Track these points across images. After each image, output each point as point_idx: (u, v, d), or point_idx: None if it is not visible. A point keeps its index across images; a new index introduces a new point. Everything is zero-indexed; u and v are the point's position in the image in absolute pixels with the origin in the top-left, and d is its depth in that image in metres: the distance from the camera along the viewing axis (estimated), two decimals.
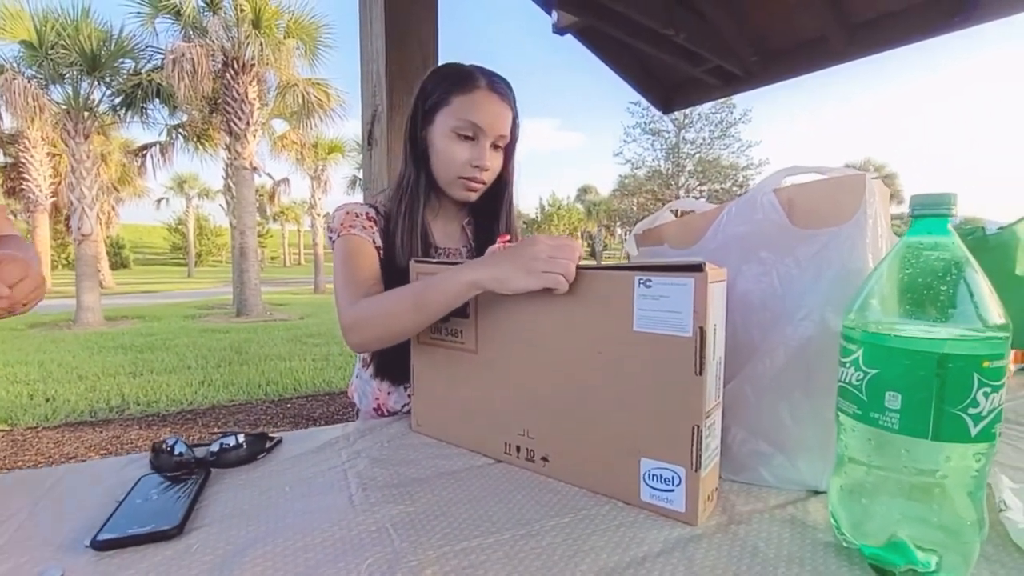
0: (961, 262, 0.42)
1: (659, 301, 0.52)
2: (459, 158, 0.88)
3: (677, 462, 0.53)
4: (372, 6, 1.64)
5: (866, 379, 0.43)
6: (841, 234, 0.56)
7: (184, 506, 0.54)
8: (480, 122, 0.86)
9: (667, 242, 0.76)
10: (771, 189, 0.62)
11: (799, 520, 0.53)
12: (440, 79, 0.90)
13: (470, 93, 0.87)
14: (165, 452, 0.66)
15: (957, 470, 0.41)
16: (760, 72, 2.75)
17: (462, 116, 0.86)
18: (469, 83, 0.87)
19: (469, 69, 0.90)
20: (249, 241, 9.45)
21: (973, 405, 0.39)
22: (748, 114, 27.72)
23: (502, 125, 0.88)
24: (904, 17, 2.29)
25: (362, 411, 1.05)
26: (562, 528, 0.52)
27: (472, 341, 0.70)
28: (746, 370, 0.61)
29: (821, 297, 0.56)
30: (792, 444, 0.59)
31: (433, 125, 0.90)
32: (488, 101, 0.87)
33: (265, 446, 0.71)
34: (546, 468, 0.64)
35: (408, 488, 0.60)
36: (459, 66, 0.91)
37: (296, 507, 0.56)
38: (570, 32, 2.63)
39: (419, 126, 0.91)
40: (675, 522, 0.53)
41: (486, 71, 0.89)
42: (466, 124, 0.86)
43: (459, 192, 0.92)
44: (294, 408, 4.25)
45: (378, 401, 1.00)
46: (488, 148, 0.88)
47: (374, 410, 1.00)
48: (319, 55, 9.99)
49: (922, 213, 0.43)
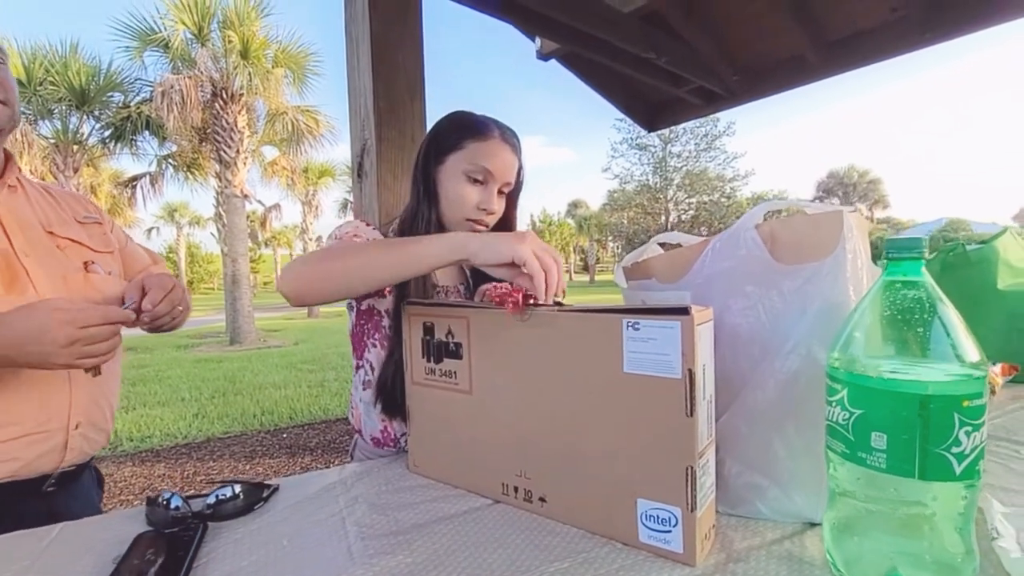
0: (935, 301, 0.43)
1: (648, 343, 0.53)
2: (469, 201, 0.92)
3: (673, 502, 0.53)
4: (359, 42, 1.67)
5: (852, 419, 0.44)
6: (823, 269, 0.57)
7: (182, 567, 0.54)
8: (491, 168, 0.91)
9: (655, 276, 0.77)
10: (752, 225, 0.64)
11: (796, 556, 0.53)
12: (456, 125, 0.96)
13: (485, 141, 0.92)
14: (161, 506, 0.65)
15: (945, 506, 0.42)
16: (741, 91, 2.82)
17: (475, 161, 0.91)
18: (484, 132, 0.93)
19: (484, 119, 0.96)
20: (241, 268, 9.43)
21: (956, 444, 0.40)
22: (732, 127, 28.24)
23: (510, 173, 0.94)
24: (877, 35, 2.36)
25: (364, 438, 1.03)
26: (562, 574, 0.52)
27: (466, 382, 0.71)
28: (738, 403, 0.62)
29: (807, 330, 0.57)
30: (787, 476, 0.60)
31: (444, 166, 0.94)
32: (500, 149, 0.93)
33: (262, 495, 0.71)
34: (544, 508, 0.64)
35: (407, 536, 0.60)
36: (474, 115, 0.97)
37: (295, 562, 0.56)
38: (554, 58, 2.68)
39: (431, 165, 0.96)
40: (675, 564, 0.53)
41: (499, 123, 0.96)
42: (478, 169, 0.91)
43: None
44: (290, 438, 4.20)
45: (384, 424, 0.98)
46: (495, 193, 0.93)
47: (381, 432, 0.97)
48: (307, 82, 10.11)
49: (897, 256, 0.44)
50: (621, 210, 33.06)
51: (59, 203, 1.00)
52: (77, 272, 0.94)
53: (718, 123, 27.63)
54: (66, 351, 0.71)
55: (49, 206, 0.98)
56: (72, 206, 1.02)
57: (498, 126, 0.95)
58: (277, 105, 10.17)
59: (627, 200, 32.22)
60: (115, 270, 1.00)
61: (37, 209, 0.95)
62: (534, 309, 0.64)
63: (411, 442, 0.80)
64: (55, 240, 0.92)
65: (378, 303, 0.91)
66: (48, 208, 0.97)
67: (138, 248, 1.16)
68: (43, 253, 0.89)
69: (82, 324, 0.72)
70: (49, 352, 0.71)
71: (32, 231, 0.90)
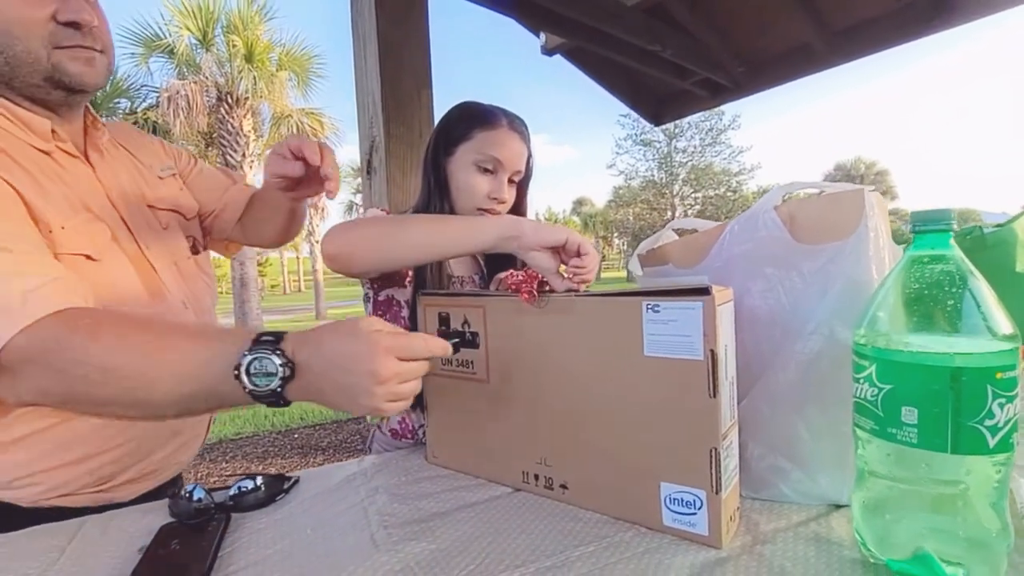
0: (965, 274, 0.42)
1: (668, 325, 0.53)
2: (480, 190, 0.92)
3: (697, 485, 0.53)
4: (366, 39, 1.67)
5: (881, 395, 0.44)
6: (845, 248, 0.57)
7: (208, 555, 0.54)
8: (501, 157, 0.92)
9: (671, 262, 0.77)
10: (771, 206, 0.63)
11: (823, 537, 0.53)
12: (465, 116, 0.96)
13: (493, 130, 0.92)
14: (184, 499, 0.66)
15: (978, 481, 0.41)
16: (747, 82, 2.80)
17: (484, 151, 0.91)
18: (492, 121, 0.93)
19: (492, 108, 0.96)
20: (249, 271, 9.48)
21: (989, 417, 0.39)
22: (737, 120, 28.05)
23: (519, 161, 0.94)
24: (883, 23, 2.34)
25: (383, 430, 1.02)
26: (587, 558, 0.51)
27: (483, 371, 0.70)
28: (759, 386, 0.62)
29: (829, 311, 0.57)
30: (810, 459, 0.59)
31: (453, 157, 0.94)
32: (509, 138, 0.93)
33: (283, 487, 0.71)
34: (566, 496, 0.64)
35: (429, 523, 0.60)
36: (482, 105, 0.97)
37: (319, 550, 0.56)
38: (558, 53, 2.68)
39: (441, 156, 0.96)
40: (700, 546, 0.52)
41: (507, 112, 0.96)
42: (488, 158, 0.92)
43: None
44: (301, 438, 4.22)
45: (402, 415, 0.99)
46: (505, 182, 0.94)
47: (399, 424, 0.97)
48: (312, 85, 10.16)
49: (924, 229, 0.44)
50: (627, 206, 32.97)
51: (138, 156, 0.85)
52: (186, 255, 0.84)
53: (723, 117, 27.49)
54: (381, 389, 0.51)
55: (133, 165, 0.83)
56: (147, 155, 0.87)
57: (506, 115, 0.95)
58: (282, 108, 10.22)
59: (632, 196, 32.12)
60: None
61: (130, 173, 0.80)
62: (550, 296, 0.64)
63: (429, 433, 0.80)
64: (156, 215, 0.81)
65: (398, 293, 0.91)
66: (133, 168, 0.82)
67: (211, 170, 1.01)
68: (152, 237, 0.78)
69: (406, 355, 0.53)
70: (360, 389, 0.51)
71: (139, 212, 0.78)
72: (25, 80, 0.65)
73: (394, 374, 0.51)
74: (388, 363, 0.51)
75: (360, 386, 0.50)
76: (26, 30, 0.63)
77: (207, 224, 0.98)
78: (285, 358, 0.50)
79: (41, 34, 0.63)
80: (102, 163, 0.76)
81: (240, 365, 0.49)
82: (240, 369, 0.49)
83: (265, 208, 0.98)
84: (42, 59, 0.64)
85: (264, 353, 0.50)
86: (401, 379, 0.52)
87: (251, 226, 1.01)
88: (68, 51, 0.66)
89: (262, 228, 1.00)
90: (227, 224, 0.99)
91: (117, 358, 0.51)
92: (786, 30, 2.48)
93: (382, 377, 0.50)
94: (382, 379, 0.50)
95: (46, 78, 0.66)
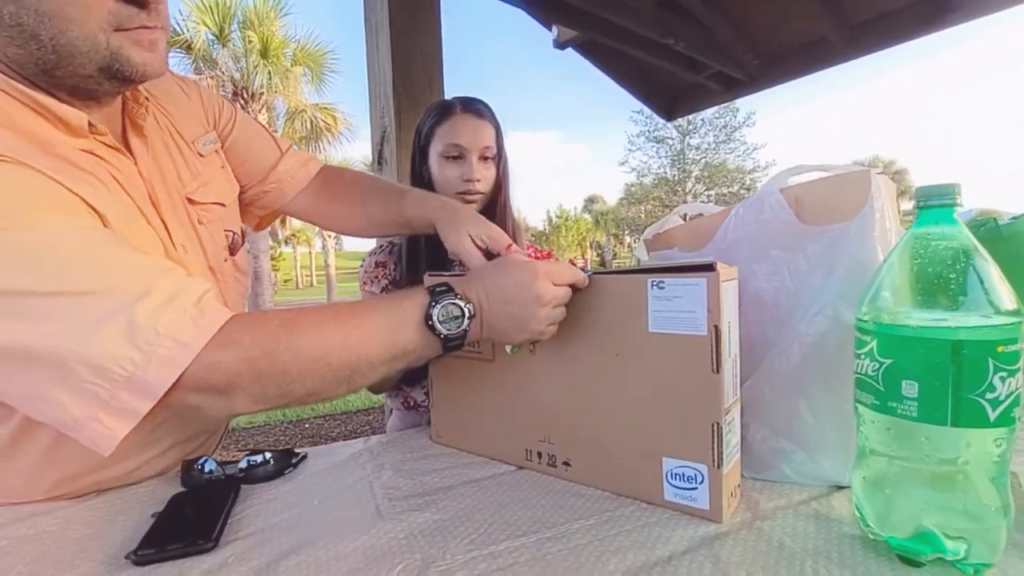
0: (969, 250, 0.42)
1: (672, 302, 0.54)
2: (451, 177, 0.99)
3: (699, 460, 0.53)
4: (379, 31, 1.69)
5: (882, 369, 0.44)
6: (850, 229, 0.57)
7: (218, 521, 0.55)
8: (461, 142, 0.97)
9: (677, 245, 0.77)
10: (777, 188, 0.63)
11: (824, 515, 0.53)
12: (426, 118, 1.03)
13: (449, 119, 0.99)
14: (196, 470, 0.67)
15: (978, 456, 0.41)
16: (762, 75, 2.77)
17: (445, 141, 0.98)
18: (447, 112, 1.00)
19: (448, 101, 1.03)
20: (263, 265, 9.61)
21: (990, 390, 0.39)
22: (752, 117, 27.73)
23: (483, 138, 0.99)
24: (903, 14, 2.30)
25: (393, 407, 1.13)
26: (588, 530, 0.52)
27: (488, 350, 0.71)
28: (762, 368, 0.62)
29: (833, 292, 0.57)
30: (812, 440, 0.59)
31: (428, 158, 1.02)
32: (464, 122, 0.99)
33: (291, 461, 0.73)
34: (568, 472, 0.64)
35: (433, 497, 0.61)
36: (441, 101, 1.04)
37: (325, 519, 0.57)
38: (570, 46, 2.67)
39: (419, 163, 1.05)
40: (700, 520, 0.53)
41: (462, 98, 1.02)
42: (450, 147, 0.98)
43: None
44: (312, 428, 4.28)
45: (403, 394, 1.08)
46: (476, 163, 0.99)
47: (402, 403, 1.09)
48: (325, 80, 10.24)
49: (928, 204, 0.44)
50: (638, 203, 32.81)
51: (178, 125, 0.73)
52: (222, 257, 0.77)
53: (737, 113, 27.20)
54: (544, 312, 0.57)
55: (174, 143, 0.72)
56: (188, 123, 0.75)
57: (461, 101, 1.01)
58: (296, 103, 10.33)
59: (644, 194, 31.95)
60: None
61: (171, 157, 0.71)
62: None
63: (433, 413, 0.81)
64: (195, 210, 0.72)
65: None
66: (175, 148, 0.72)
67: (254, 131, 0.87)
68: (188, 238, 0.70)
69: (558, 279, 0.58)
70: (529, 313, 0.57)
71: (178, 210, 0.69)
72: (73, 71, 0.53)
73: (552, 296, 0.57)
74: (547, 287, 0.57)
75: (528, 311, 0.57)
76: (84, 10, 0.50)
77: (245, 197, 0.87)
78: (465, 299, 0.56)
79: (100, 14, 0.51)
80: (143, 150, 0.66)
81: (431, 316, 0.55)
82: (433, 320, 0.55)
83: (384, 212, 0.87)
84: (100, 46, 0.52)
85: (447, 299, 0.56)
86: (557, 302, 0.58)
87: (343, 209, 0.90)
88: (131, 33, 0.53)
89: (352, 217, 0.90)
90: (276, 203, 0.90)
91: (329, 350, 0.52)
92: (803, 22, 2.45)
93: (545, 299, 0.57)
94: (545, 301, 0.57)
95: (101, 68, 0.54)
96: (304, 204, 0.91)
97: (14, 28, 0.49)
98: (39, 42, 0.50)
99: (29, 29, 0.49)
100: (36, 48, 0.51)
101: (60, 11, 0.49)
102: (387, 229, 0.90)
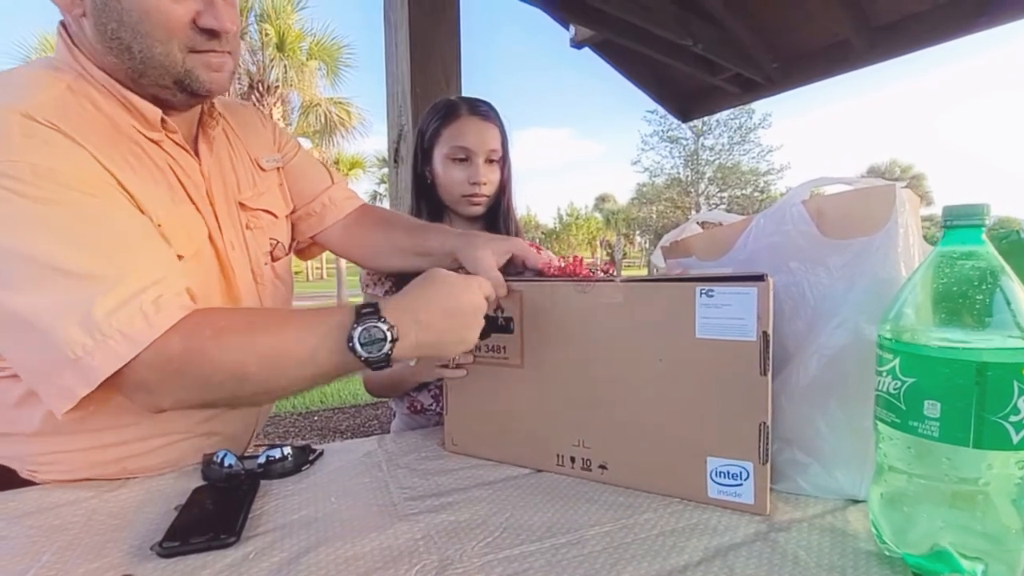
0: (996, 271, 0.42)
1: (721, 309, 0.56)
2: (457, 179, 0.99)
3: (745, 458, 0.56)
4: (397, 29, 1.70)
5: (904, 387, 0.44)
6: (873, 244, 0.56)
7: (239, 516, 0.57)
8: (468, 144, 0.98)
9: (695, 254, 0.77)
10: (799, 200, 0.63)
11: (839, 529, 0.53)
12: (431, 118, 1.03)
13: (455, 121, 0.99)
14: (216, 464, 0.69)
15: (999, 478, 0.41)
16: (781, 78, 2.74)
17: (451, 143, 0.98)
18: (453, 113, 0.99)
19: (454, 101, 1.02)
20: None
21: (1014, 413, 0.39)
22: (768, 118, 27.44)
23: (489, 141, 0.99)
24: (927, 18, 2.27)
25: (397, 411, 1.12)
26: (602, 537, 0.53)
27: (517, 356, 0.71)
28: (780, 380, 0.62)
29: (854, 306, 0.57)
30: (829, 453, 0.59)
31: (433, 158, 1.02)
32: (471, 124, 0.99)
33: (309, 458, 0.74)
34: (604, 476, 0.65)
35: (449, 498, 0.62)
36: (446, 100, 1.03)
37: (343, 517, 0.58)
38: (587, 46, 2.67)
39: (421, 163, 1.04)
40: (715, 531, 0.53)
41: (468, 99, 1.02)
42: (456, 149, 0.98)
43: (466, 209, 1.04)
44: (321, 420, 4.32)
45: (410, 399, 1.07)
46: (482, 165, 0.99)
47: (408, 407, 1.07)
48: (340, 75, 10.29)
49: (955, 224, 0.44)
50: (650, 204, 32.63)
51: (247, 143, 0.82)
52: (264, 261, 0.81)
53: (753, 115, 26.92)
54: (477, 321, 0.61)
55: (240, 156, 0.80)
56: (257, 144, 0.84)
57: (466, 102, 1.01)
58: (311, 97, 10.39)
59: (656, 194, 31.76)
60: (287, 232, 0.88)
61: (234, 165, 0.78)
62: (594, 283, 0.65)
63: (448, 421, 0.79)
64: (246, 215, 0.78)
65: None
66: (239, 159, 0.80)
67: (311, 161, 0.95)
68: (236, 237, 0.76)
69: (489, 292, 0.62)
70: (467, 322, 0.60)
71: (231, 210, 0.76)
72: (154, 81, 0.63)
73: (486, 303, 0.61)
74: (485, 290, 0.61)
75: (467, 320, 0.60)
76: (168, 33, 0.60)
77: (293, 218, 0.92)
78: (388, 323, 0.56)
79: (181, 38, 0.61)
80: (208, 155, 0.74)
81: (351, 338, 0.55)
82: (354, 342, 0.55)
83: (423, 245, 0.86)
84: (177, 63, 0.62)
85: (370, 322, 0.55)
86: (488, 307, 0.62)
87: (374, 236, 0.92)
88: (203, 56, 0.64)
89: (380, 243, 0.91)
90: (315, 228, 0.93)
91: (247, 363, 0.56)
92: (824, 25, 2.42)
93: (484, 307, 0.61)
94: (483, 308, 0.61)
95: (176, 81, 0.64)
96: (338, 234, 0.95)
97: (114, 41, 0.60)
98: (131, 54, 0.61)
99: (125, 43, 0.60)
100: (128, 59, 0.61)
101: (151, 32, 0.60)
102: (408, 259, 0.89)
